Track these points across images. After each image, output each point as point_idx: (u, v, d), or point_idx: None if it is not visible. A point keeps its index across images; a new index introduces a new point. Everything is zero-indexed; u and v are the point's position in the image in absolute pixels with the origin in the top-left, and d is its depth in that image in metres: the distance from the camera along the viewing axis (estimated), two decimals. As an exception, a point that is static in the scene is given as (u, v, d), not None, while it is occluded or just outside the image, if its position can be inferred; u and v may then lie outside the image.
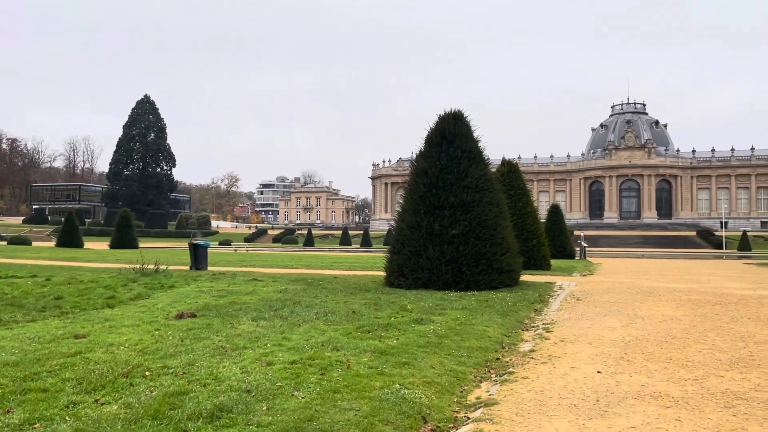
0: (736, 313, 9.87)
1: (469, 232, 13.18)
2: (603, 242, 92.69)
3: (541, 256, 21.78)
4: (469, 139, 14.18)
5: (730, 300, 11.75)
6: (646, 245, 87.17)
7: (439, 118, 14.41)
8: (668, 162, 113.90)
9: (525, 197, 22.42)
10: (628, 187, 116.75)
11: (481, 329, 8.34)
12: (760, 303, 11.19)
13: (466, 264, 13.03)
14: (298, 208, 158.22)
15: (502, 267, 13.43)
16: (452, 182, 13.62)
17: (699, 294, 12.95)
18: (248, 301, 10.77)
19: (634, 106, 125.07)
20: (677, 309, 10.52)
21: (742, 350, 7.03)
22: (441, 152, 13.96)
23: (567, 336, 8.19)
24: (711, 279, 17.91)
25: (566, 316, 9.97)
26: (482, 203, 13.54)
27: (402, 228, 13.87)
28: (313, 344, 6.98)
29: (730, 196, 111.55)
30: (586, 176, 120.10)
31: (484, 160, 14.39)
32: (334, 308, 9.78)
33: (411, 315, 9.22)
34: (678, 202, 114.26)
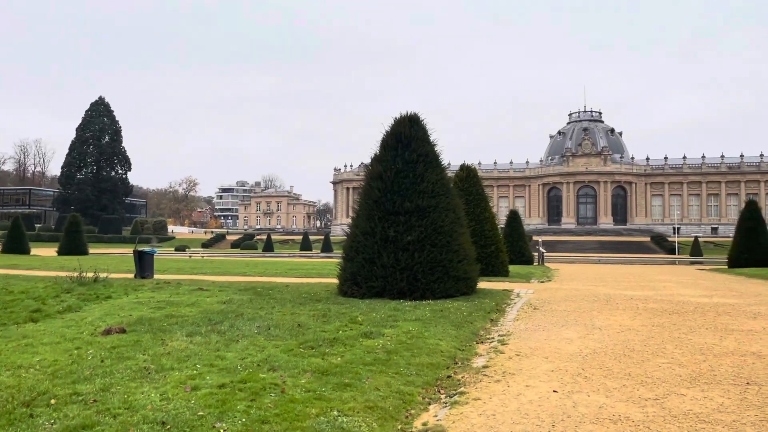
0: (694, 323, 9.67)
1: (425, 238, 12.73)
2: (561, 247, 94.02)
3: (499, 262, 21.55)
4: (426, 143, 13.76)
5: (686, 308, 11.60)
6: (602, 250, 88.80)
7: (395, 121, 13.95)
8: (623, 169, 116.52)
9: (483, 203, 22.18)
10: (585, 193, 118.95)
11: (433, 343, 7.86)
12: (716, 312, 11.05)
13: (421, 272, 12.57)
14: (258, 213, 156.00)
15: (459, 275, 13.03)
16: (408, 187, 13.16)
17: (656, 302, 12.80)
18: (187, 313, 10.06)
19: (590, 114, 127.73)
20: (635, 318, 10.28)
21: (702, 364, 6.73)
22: (396, 156, 13.49)
23: (523, 349, 7.79)
24: (666, 286, 17.92)
25: (523, 327, 9.60)
26: (438, 209, 13.12)
27: (356, 234, 13.34)
28: (249, 364, 6.38)
29: (682, 202, 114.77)
30: (544, 182, 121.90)
31: (441, 165, 14.00)
32: (278, 321, 9.17)
33: (360, 328, 8.69)
34: (633, 209, 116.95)
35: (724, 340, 8.12)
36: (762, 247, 31.40)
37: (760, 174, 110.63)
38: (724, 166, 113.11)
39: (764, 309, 11.39)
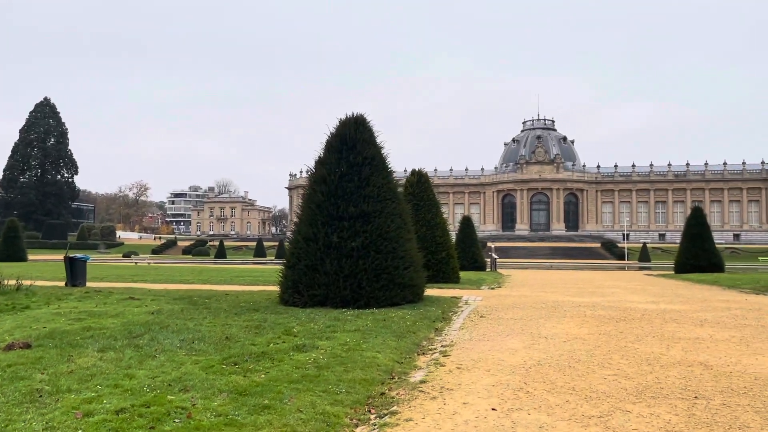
0: (641, 331, 9.44)
1: (370, 244, 12.23)
2: (514, 253, 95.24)
3: (450, 268, 21.24)
4: (372, 145, 13.28)
5: (633, 315, 11.43)
6: (554, 256, 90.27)
7: (340, 123, 13.43)
8: (575, 177, 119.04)
9: (435, 208, 21.86)
10: (539, 200, 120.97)
11: (370, 356, 7.34)
12: (663, 319, 10.90)
13: (366, 279, 12.05)
14: (212, 219, 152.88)
15: (405, 282, 12.57)
16: (352, 191, 12.65)
17: (603, 309, 12.62)
18: (108, 325, 9.26)
19: (543, 123, 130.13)
20: (582, 326, 10.00)
21: (649, 376, 6.41)
22: (341, 158, 12.97)
23: (465, 361, 7.35)
24: (615, 292, 17.91)
25: (467, 337, 9.18)
26: (384, 214, 12.65)
27: (298, 240, 12.73)
28: (159, 384, 5.72)
29: (631, 209, 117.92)
30: (499, 189, 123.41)
31: (388, 168, 13.54)
32: (206, 333, 8.49)
33: (294, 340, 8.10)
34: (584, 215, 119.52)
35: (671, 349, 7.87)
36: (707, 253, 32.13)
37: (704, 182, 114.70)
38: (671, 174, 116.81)
39: (710, 315, 11.31)
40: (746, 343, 8.14)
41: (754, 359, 7.05)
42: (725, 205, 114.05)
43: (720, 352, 7.54)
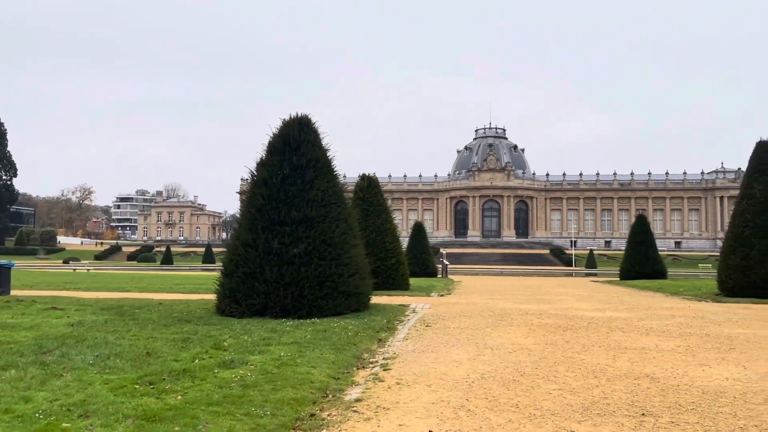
0: (587, 340, 9.22)
1: (313, 250, 11.70)
2: (467, 260, 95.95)
3: (399, 275, 20.87)
4: (317, 147, 12.77)
5: (580, 324, 11.25)
6: (505, 262, 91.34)
7: (283, 123, 12.87)
8: (525, 184, 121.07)
9: (384, 214, 21.46)
10: (490, 207, 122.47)
11: (304, 371, 6.81)
12: (609, 327, 10.75)
13: (308, 287, 11.51)
14: (160, 224, 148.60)
15: (350, 290, 12.07)
16: (295, 194, 12.10)
17: (550, 317, 12.43)
18: (20, 339, 8.43)
19: (495, 131, 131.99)
20: (528, 336, 9.72)
21: (595, 390, 6.11)
22: (284, 160, 12.41)
23: (406, 375, 6.91)
24: (562, 299, 17.87)
25: (411, 348, 8.76)
26: (329, 219, 12.14)
27: (236, 246, 12.08)
28: (58, 408, 5.05)
29: (578, 217, 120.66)
30: (451, 196, 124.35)
31: (333, 171, 13.05)
32: (126, 348, 7.79)
33: (223, 355, 7.50)
34: (534, 222, 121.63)
35: (617, 359, 7.63)
36: (651, 260, 32.83)
37: (647, 191, 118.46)
38: (616, 183, 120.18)
39: (655, 324, 11.24)
40: (692, 353, 7.99)
41: (701, 371, 6.87)
42: (667, 213, 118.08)
43: (666, 363, 7.34)
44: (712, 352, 8.01)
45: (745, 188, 18.70)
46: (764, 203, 17.84)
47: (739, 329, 10.42)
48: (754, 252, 17.56)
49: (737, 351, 8.08)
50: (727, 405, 5.39)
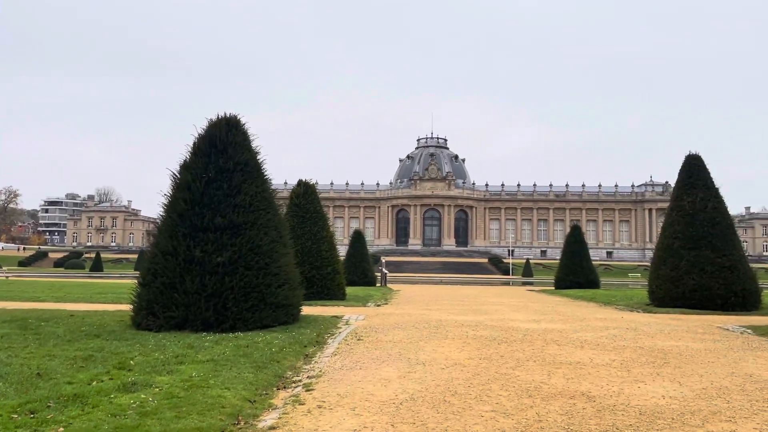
0: (522, 354, 8.91)
1: (239, 259, 10.97)
2: (407, 268, 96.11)
3: (335, 285, 20.26)
4: (246, 150, 12.06)
5: (515, 336, 10.99)
6: (445, 271, 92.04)
7: (210, 124, 12.10)
8: (465, 194, 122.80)
9: (321, 221, 20.82)
10: (431, 215, 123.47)
11: (216, 394, 6.14)
12: (544, 340, 10.51)
13: (233, 299, 10.77)
14: (91, 229, 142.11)
15: (278, 301, 11.40)
16: (221, 199, 11.35)
17: (486, 329, 12.14)
18: None
19: (437, 141, 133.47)
20: (462, 350, 9.34)
21: (529, 411, 5.73)
22: (209, 163, 11.64)
23: (329, 397, 6.34)
24: (498, 309, 17.72)
25: (339, 365, 8.20)
26: (257, 225, 11.45)
27: (155, 255, 11.20)
28: None
29: (516, 226, 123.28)
30: (393, 204, 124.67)
31: (263, 176, 12.36)
32: (16, 369, 6.90)
33: (126, 376, 6.72)
34: (473, 231, 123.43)
35: (552, 376, 7.31)
36: (585, 270, 33.49)
37: (581, 202, 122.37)
38: (552, 194, 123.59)
39: (590, 336, 11.10)
40: (627, 368, 7.78)
41: (636, 388, 6.62)
42: (600, 224, 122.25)
43: (602, 379, 7.07)
44: (647, 367, 7.83)
45: (675, 200, 19.14)
46: (693, 215, 18.28)
47: (671, 341, 10.38)
48: (683, 263, 17.94)
49: (671, 366, 7.94)
50: (666, 428, 5.10)
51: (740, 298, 17.42)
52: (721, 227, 18.15)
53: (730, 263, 17.58)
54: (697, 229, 18.05)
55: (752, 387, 6.58)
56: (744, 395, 6.22)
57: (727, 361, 8.28)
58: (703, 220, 18.13)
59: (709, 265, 17.58)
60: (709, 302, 17.36)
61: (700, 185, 18.70)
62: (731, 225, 18.61)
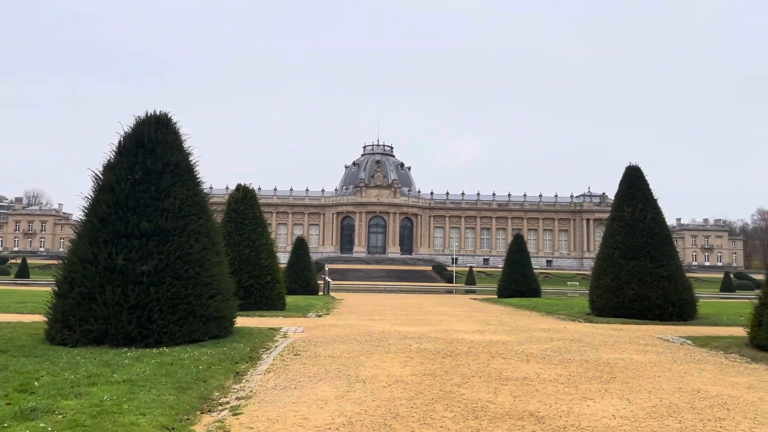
0: (467, 369, 8.51)
1: (166, 268, 10.16)
2: (352, 276, 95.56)
3: (275, 294, 19.47)
4: (177, 150, 11.25)
5: (460, 349, 10.61)
6: (389, 279, 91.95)
7: (138, 122, 11.24)
8: (410, 202, 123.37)
9: (261, 228, 20.01)
10: (376, 223, 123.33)
11: (128, 421, 5.43)
12: (490, 353, 10.18)
13: (158, 311, 9.94)
14: (18, 234, 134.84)
15: (209, 313, 10.63)
16: (147, 203, 10.52)
17: (430, 341, 11.72)
18: None
19: (383, 148, 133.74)
20: (405, 365, 8.86)
21: (476, 436, 5.29)
22: (135, 164, 10.79)
23: (258, 422, 5.73)
24: (442, 320, 17.39)
25: (272, 384, 7.57)
26: (187, 231, 10.66)
27: (73, 263, 10.25)
28: None
29: (460, 235, 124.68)
30: (338, 211, 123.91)
31: (196, 178, 11.58)
32: None
33: (27, 400, 5.90)
34: (418, 239, 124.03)
35: (499, 393, 6.92)
36: (527, 279, 33.80)
37: (523, 212, 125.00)
38: (495, 203, 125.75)
39: (535, 348, 10.84)
40: (575, 383, 7.49)
41: (586, 407, 6.29)
42: (540, 233, 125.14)
43: (550, 397, 6.73)
44: (594, 383, 7.56)
45: (616, 211, 19.37)
46: (633, 226, 18.53)
47: (615, 354, 10.24)
48: (623, 273, 18.13)
49: (618, 381, 7.70)
50: (620, 454, 4.75)
51: (677, 308, 17.73)
52: (660, 238, 18.46)
53: (668, 273, 17.87)
54: (636, 240, 18.29)
55: (701, 404, 6.37)
56: (695, 414, 5.99)
57: (673, 375, 8.13)
58: (642, 231, 18.40)
59: (648, 276, 17.82)
60: (648, 312, 17.58)
61: (640, 196, 19.00)
62: (669, 236, 18.97)
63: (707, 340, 11.99)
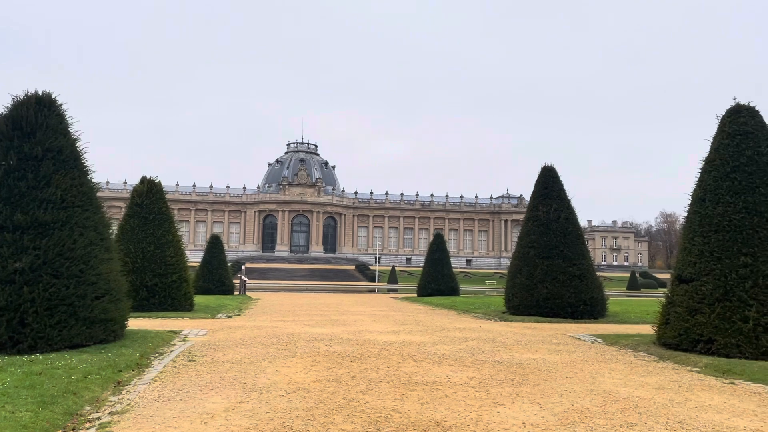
0: (376, 374, 7.99)
1: (44, 265, 9.04)
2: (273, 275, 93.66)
3: (182, 294, 18.28)
4: (61, 135, 10.08)
5: (371, 351, 10.09)
6: (312, 278, 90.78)
7: (15, 102, 9.99)
8: (335, 201, 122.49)
9: (167, 223, 18.72)
10: (299, 221, 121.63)
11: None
12: (401, 355, 9.72)
13: (33, 313, 8.81)
14: None
15: (95, 316, 9.56)
16: (23, 192, 9.34)
17: (341, 343, 11.14)
18: None
19: (307, 146, 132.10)
20: (310, 370, 8.23)
21: (375, 452, 4.75)
22: (11, 148, 9.57)
23: (127, 443, 4.95)
24: (358, 320, 16.87)
25: (155, 395, 6.74)
26: (70, 225, 9.55)
27: (-70, 259, 8.92)
28: None
29: (383, 234, 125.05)
30: (260, 209, 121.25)
31: (83, 166, 10.43)
32: None
33: None
34: (342, 238, 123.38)
35: (405, 401, 6.43)
36: (446, 278, 33.93)
37: (445, 212, 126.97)
38: (418, 203, 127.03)
39: (448, 349, 10.49)
40: (485, 387, 7.12)
41: (496, 413, 5.91)
42: (461, 233, 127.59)
43: (459, 403, 6.30)
44: (506, 386, 7.22)
45: (531, 210, 19.53)
46: (547, 225, 18.72)
47: (528, 354, 10.04)
48: (538, 271, 18.27)
49: (530, 383, 7.40)
50: (529, 469, 4.35)
51: (589, 306, 18.04)
52: (572, 237, 18.74)
53: (580, 272, 18.15)
54: (551, 239, 18.48)
55: (613, 408, 6.13)
56: (606, 419, 5.72)
57: (585, 376, 7.94)
58: (556, 230, 18.61)
59: (561, 274, 18.03)
60: (560, 310, 17.78)
61: (555, 196, 19.22)
62: (581, 235, 19.30)
63: (617, 338, 12.08)
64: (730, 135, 10.87)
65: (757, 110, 10.93)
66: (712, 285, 10.08)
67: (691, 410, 6.10)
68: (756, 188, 10.30)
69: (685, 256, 10.91)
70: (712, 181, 10.83)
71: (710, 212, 10.60)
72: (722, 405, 6.35)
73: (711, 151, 11.18)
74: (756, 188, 10.30)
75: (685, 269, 10.74)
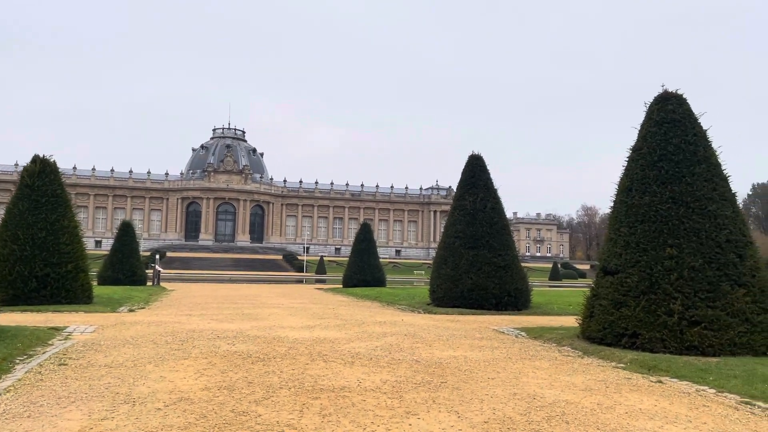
0: (277, 378, 7.02)
1: None
2: (196, 264, 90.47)
3: (78, 285, 16.58)
4: None
5: (278, 350, 9.10)
6: (237, 268, 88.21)
7: None
8: (262, 189, 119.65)
9: (62, 208, 16.91)
10: (225, 210, 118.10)
11: None
12: (311, 354, 8.78)
13: None
14: None
15: (-53, 313, 8.10)
16: None
17: (246, 341, 10.08)
18: None
19: (234, 132, 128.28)
20: (201, 375, 7.16)
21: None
22: None
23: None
24: (273, 313, 15.79)
25: (2, 408, 5.51)
26: None
27: None
28: None
29: (312, 224, 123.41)
30: (183, 196, 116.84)
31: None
32: None
33: None
34: (269, 227, 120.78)
35: (305, 413, 5.51)
36: (372, 268, 33.26)
37: (375, 202, 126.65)
38: (348, 193, 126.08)
39: (364, 347, 9.64)
40: (399, 393, 6.30)
41: (408, 426, 5.09)
42: (390, 224, 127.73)
43: (366, 415, 5.44)
44: (422, 390, 6.43)
45: (458, 200, 18.99)
46: (473, 215, 18.23)
47: (449, 351, 9.35)
48: (463, 262, 17.77)
49: (449, 387, 6.65)
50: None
51: (513, 297, 17.71)
52: (498, 227, 18.34)
53: (505, 263, 17.78)
54: (476, 229, 18.01)
55: (539, 416, 5.45)
56: (531, 430, 5.02)
57: (508, 377, 7.28)
58: (482, 220, 18.16)
59: (486, 265, 17.60)
60: (484, 302, 17.36)
61: (481, 185, 18.76)
62: (507, 226, 18.95)
63: (541, 332, 11.64)
64: (657, 123, 10.55)
65: (684, 98, 10.66)
66: (637, 277, 9.72)
67: (622, 416, 5.51)
68: (682, 178, 10.01)
69: (610, 247, 10.53)
70: (639, 170, 10.48)
71: (636, 202, 10.25)
72: (653, 409, 5.81)
73: (638, 139, 10.85)
74: (682, 178, 10.01)
75: (611, 260, 10.36)
